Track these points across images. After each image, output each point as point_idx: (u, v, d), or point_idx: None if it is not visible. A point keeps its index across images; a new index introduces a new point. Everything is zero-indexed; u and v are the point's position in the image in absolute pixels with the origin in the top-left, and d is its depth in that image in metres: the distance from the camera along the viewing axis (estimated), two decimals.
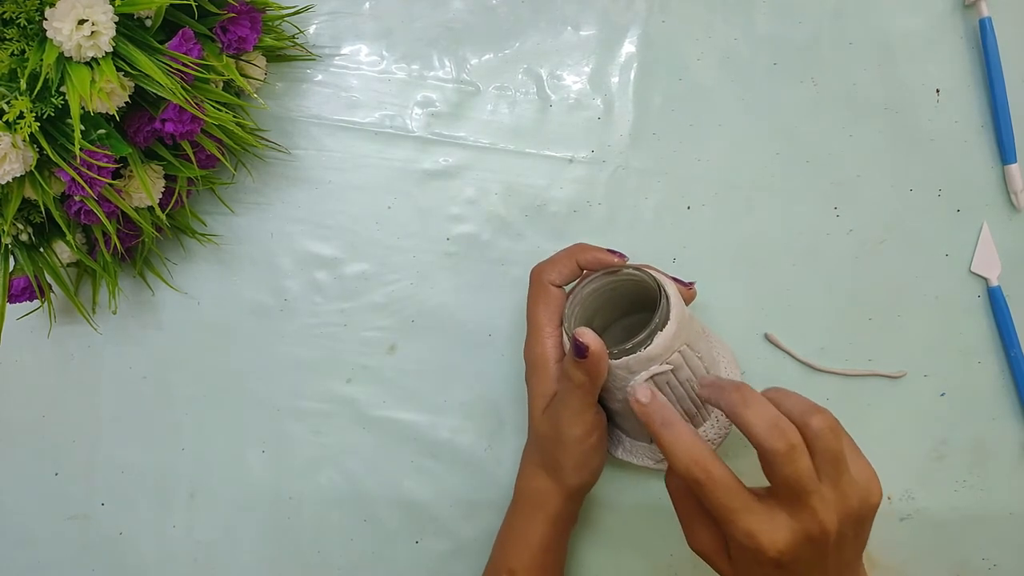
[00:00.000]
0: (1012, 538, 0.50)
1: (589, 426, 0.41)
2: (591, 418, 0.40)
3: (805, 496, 0.32)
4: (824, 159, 0.51)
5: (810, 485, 0.32)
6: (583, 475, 0.42)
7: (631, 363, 0.38)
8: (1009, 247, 0.51)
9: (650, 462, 0.44)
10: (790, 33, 0.52)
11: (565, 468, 0.42)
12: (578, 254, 0.43)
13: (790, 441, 0.32)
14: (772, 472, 0.32)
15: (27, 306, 0.47)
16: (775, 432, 0.32)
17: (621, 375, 0.39)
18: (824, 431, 0.33)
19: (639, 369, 0.38)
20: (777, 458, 0.32)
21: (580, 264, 0.43)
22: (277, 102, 0.50)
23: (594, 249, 0.43)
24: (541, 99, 0.51)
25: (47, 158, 0.38)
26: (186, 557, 0.49)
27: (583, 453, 0.41)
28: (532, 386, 0.43)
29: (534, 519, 0.43)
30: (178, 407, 0.50)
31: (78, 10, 0.36)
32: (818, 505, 0.32)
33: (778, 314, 0.50)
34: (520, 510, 0.44)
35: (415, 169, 0.50)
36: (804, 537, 0.32)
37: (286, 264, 0.50)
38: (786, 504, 0.33)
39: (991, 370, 0.51)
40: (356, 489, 0.49)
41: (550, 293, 0.43)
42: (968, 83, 0.52)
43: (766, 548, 0.32)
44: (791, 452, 0.32)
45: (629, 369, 0.39)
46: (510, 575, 0.43)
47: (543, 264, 0.44)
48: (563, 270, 0.43)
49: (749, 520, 0.32)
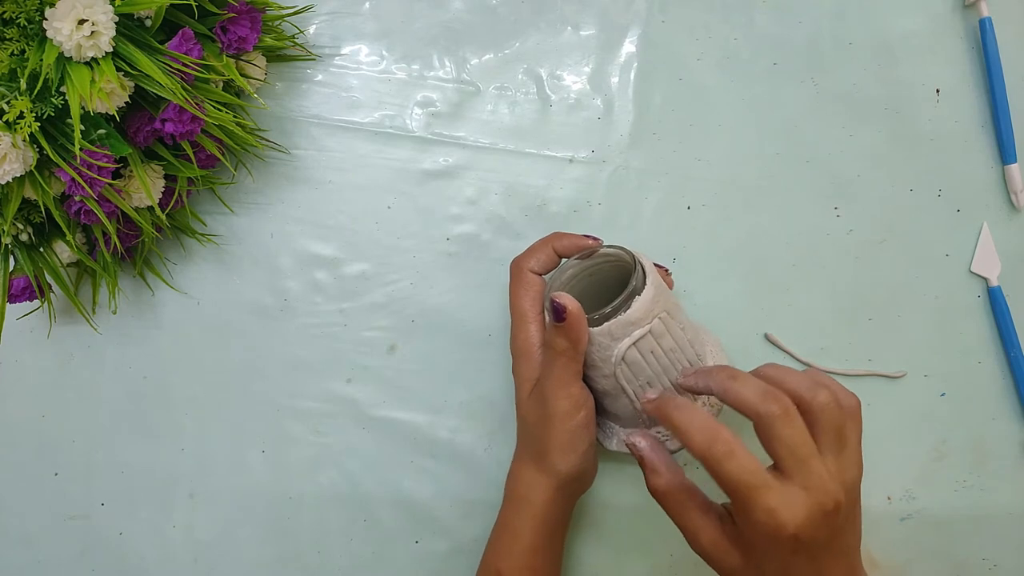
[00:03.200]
0: (1012, 538, 0.50)
1: (575, 399, 0.40)
2: (577, 391, 0.40)
3: (809, 462, 0.32)
4: (824, 159, 0.51)
5: (811, 448, 0.32)
6: (570, 459, 0.41)
7: (612, 328, 0.39)
8: (1009, 247, 0.51)
9: None
10: (790, 33, 0.52)
11: (552, 452, 0.41)
12: (554, 241, 0.44)
13: (784, 405, 0.32)
14: (772, 437, 0.32)
15: (27, 306, 0.47)
16: (768, 397, 0.32)
17: (604, 343, 0.39)
18: (829, 405, 0.33)
19: (621, 335, 0.39)
20: (775, 421, 0.32)
21: (557, 250, 0.43)
22: (277, 102, 0.50)
23: (569, 235, 0.44)
24: (541, 99, 0.51)
25: (47, 158, 0.38)
26: (186, 557, 0.49)
27: (569, 432, 0.40)
28: (518, 374, 0.43)
29: (522, 516, 0.42)
30: (178, 407, 0.50)
31: (78, 10, 0.36)
32: (824, 474, 0.32)
33: (778, 314, 0.50)
34: (508, 507, 0.43)
35: (415, 169, 0.50)
36: (819, 511, 0.32)
37: (286, 264, 0.50)
38: (794, 476, 0.32)
39: (991, 370, 0.51)
40: (356, 489, 0.49)
41: (530, 281, 0.43)
42: (968, 83, 0.52)
43: (786, 523, 0.31)
44: (787, 414, 0.32)
45: (611, 336, 0.39)
46: None
47: (521, 255, 0.44)
48: (541, 257, 0.43)
49: (770, 496, 0.31)
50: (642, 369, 0.40)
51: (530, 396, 0.42)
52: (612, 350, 0.39)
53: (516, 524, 0.42)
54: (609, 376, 0.40)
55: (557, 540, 0.44)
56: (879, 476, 0.50)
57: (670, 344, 0.40)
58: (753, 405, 0.33)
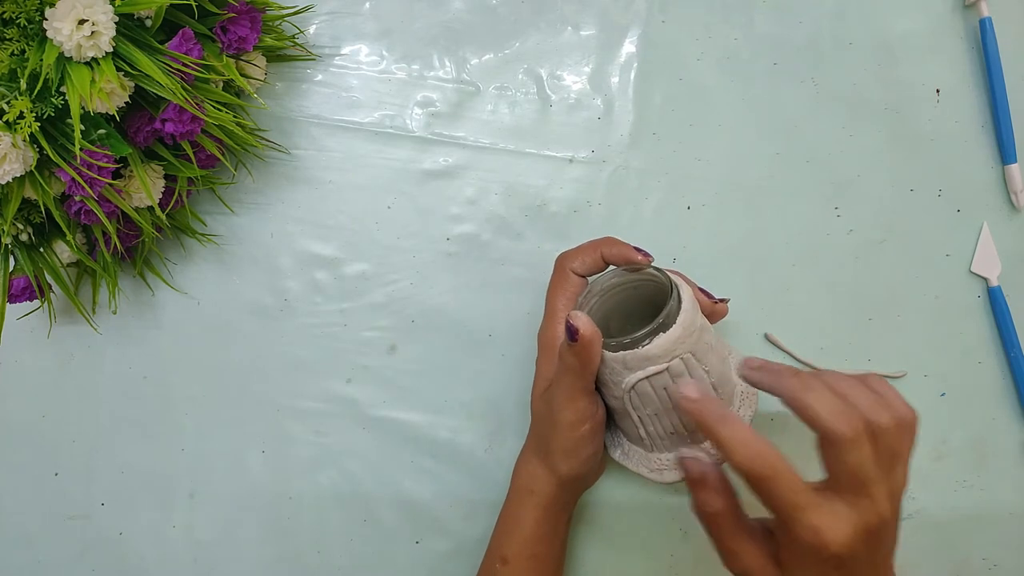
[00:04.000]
0: (1012, 538, 0.50)
1: (580, 413, 0.40)
2: (583, 405, 0.40)
3: (868, 485, 0.31)
4: (824, 159, 0.51)
5: (874, 474, 0.31)
6: (572, 464, 0.41)
7: (627, 359, 0.38)
8: (1009, 247, 0.51)
9: (645, 470, 0.43)
10: (790, 33, 0.52)
11: (555, 453, 0.41)
12: (604, 246, 0.43)
13: (856, 427, 0.31)
14: (836, 458, 0.31)
15: (27, 306, 0.47)
16: (842, 418, 0.31)
17: (617, 368, 0.39)
18: (891, 429, 0.32)
19: (635, 367, 0.38)
20: (844, 444, 0.31)
21: (605, 257, 0.43)
22: (277, 102, 0.50)
23: (621, 244, 0.43)
24: (541, 99, 0.51)
25: (47, 158, 0.38)
26: (186, 557, 0.49)
27: (572, 440, 0.41)
28: (538, 368, 0.44)
29: (525, 504, 0.43)
30: (178, 407, 0.50)
31: (78, 10, 0.36)
32: (878, 495, 0.32)
33: (778, 314, 0.50)
34: (512, 496, 0.44)
35: (415, 169, 0.50)
36: (864, 529, 0.31)
37: (286, 264, 0.50)
38: (846, 495, 0.31)
39: (991, 370, 0.51)
40: (356, 489, 0.49)
41: (570, 280, 0.43)
42: (968, 83, 0.52)
43: (830, 543, 0.31)
44: (858, 439, 0.31)
45: (625, 365, 0.38)
46: (503, 563, 0.42)
47: (568, 252, 0.44)
48: (587, 259, 0.43)
49: (814, 515, 0.31)
50: (651, 400, 0.39)
51: (543, 394, 0.43)
52: (623, 377, 0.39)
53: (520, 513, 0.43)
54: (618, 398, 0.40)
55: (560, 529, 0.44)
56: None
57: None
58: (824, 423, 0.32)
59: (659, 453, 0.42)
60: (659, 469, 0.42)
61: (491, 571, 0.43)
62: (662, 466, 0.42)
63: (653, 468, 0.43)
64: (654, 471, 0.42)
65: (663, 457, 0.42)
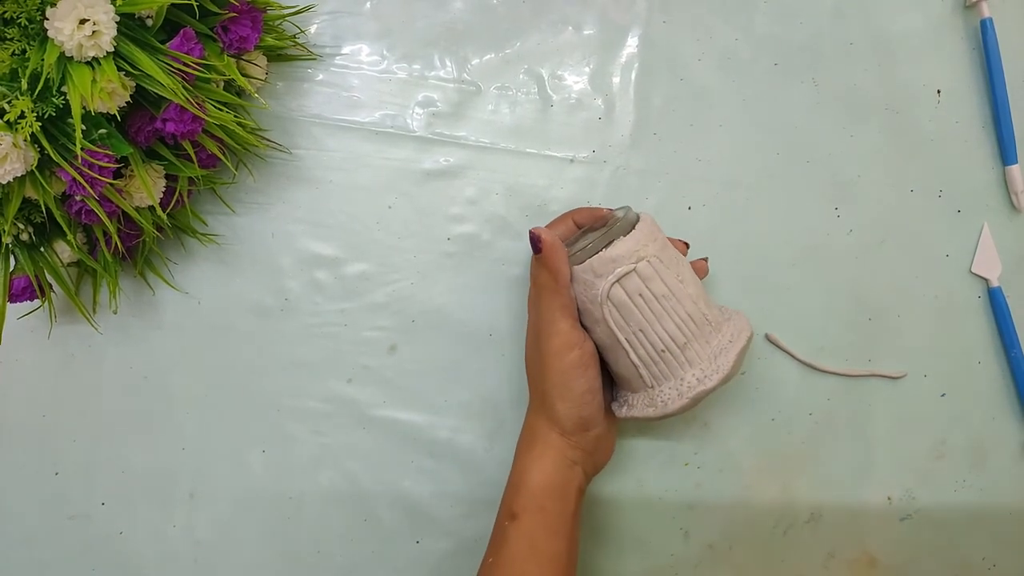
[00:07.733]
0: (1012, 538, 0.50)
1: (564, 336, 0.41)
2: (566, 328, 0.41)
3: None
4: (824, 159, 0.51)
5: None
6: (568, 405, 0.41)
7: (595, 265, 0.39)
8: (1010, 248, 0.51)
9: (650, 411, 0.42)
10: (790, 33, 0.52)
11: (550, 395, 0.42)
12: (574, 214, 0.46)
13: None
14: None
15: (27, 306, 0.47)
16: None
17: (588, 280, 0.40)
18: None
19: (604, 272, 0.39)
20: None
21: (576, 222, 0.46)
22: (278, 102, 0.50)
23: (589, 208, 0.46)
24: (542, 99, 0.51)
25: (48, 158, 0.38)
26: (186, 557, 0.49)
27: (562, 373, 0.41)
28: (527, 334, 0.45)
29: (530, 456, 0.43)
30: (178, 407, 0.50)
31: (79, 10, 0.36)
32: None
33: (778, 314, 0.50)
34: (517, 454, 0.44)
35: (416, 169, 0.50)
36: None
37: (287, 264, 0.50)
38: None
39: (991, 370, 0.51)
40: (356, 489, 0.49)
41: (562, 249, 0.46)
42: (969, 84, 0.52)
43: None
44: None
45: (595, 272, 0.39)
46: (511, 518, 0.42)
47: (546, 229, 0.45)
48: (560, 228, 0.46)
49: None
50: (631, 313, 0.40)
51: (531, 342, 0.44)
52: (597, 288, 0.39)
53: (525, 466, 0.43)
54: (600, 321, 0.40)
55: (570, 491, 0.43)
56: (879, 476, 0.50)
57: (661, 290, 0.39)
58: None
59: (658, 388, 0.42)
60: (662, 403, 0.42)
61: (501, 530, 0.42)
62: (665, 399, 0.42)
63: (656, 405, 0.42)
64: (658, 408, 0.42)
65: (662, 390, 0.42)
